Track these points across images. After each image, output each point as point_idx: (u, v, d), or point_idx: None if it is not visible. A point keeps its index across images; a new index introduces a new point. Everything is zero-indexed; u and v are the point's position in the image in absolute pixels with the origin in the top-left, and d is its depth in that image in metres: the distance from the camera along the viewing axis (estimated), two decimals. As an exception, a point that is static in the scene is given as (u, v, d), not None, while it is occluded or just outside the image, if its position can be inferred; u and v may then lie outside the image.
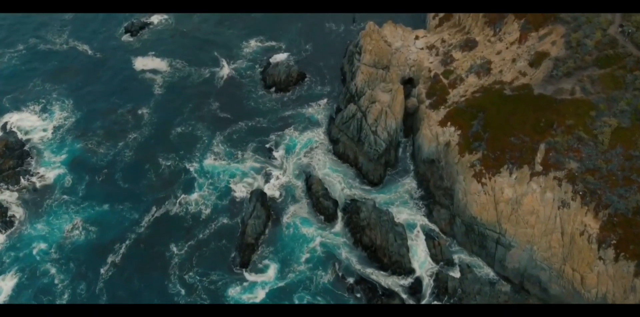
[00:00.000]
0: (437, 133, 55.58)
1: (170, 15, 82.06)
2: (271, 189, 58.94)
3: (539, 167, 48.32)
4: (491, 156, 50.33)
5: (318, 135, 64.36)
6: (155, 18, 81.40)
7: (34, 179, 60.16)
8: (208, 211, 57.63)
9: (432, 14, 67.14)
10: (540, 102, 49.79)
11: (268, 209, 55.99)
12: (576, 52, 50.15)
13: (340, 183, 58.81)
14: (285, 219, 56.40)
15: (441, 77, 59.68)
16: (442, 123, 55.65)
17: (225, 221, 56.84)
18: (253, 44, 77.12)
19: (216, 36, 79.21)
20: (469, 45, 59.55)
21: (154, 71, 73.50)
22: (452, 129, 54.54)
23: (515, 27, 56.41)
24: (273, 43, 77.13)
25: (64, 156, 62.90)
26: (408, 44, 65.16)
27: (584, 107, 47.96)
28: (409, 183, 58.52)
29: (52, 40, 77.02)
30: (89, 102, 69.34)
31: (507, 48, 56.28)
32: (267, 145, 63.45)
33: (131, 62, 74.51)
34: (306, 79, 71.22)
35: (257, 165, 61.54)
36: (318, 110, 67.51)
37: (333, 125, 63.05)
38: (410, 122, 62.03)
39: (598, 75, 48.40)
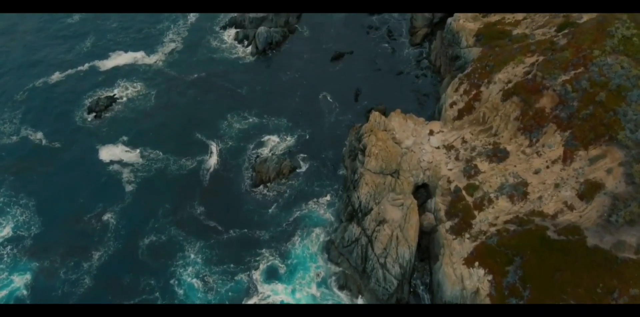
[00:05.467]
0: (462, 275, 44.87)
1: (143, 89, 71.26)
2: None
3: (596, 346, 37.80)
4: (534, 324, 39.74)
5: (317, 253, 53.86)
6: (124, 93, 70.60)
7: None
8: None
9: (449, 101, 55.74)
10: (596, 259, 38.87)
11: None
12: (641, 191, 39.08)
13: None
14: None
15: (464, 193, 48.76)
16: (469, 262, 44.89)
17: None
18: (238, 122, 66.38)
19: (197, 112, 68.39)
20: (497, 154, 48.39)
21: (125, 163, 62.79)
22: (482, 271, 43.79)
23: (557, 140, 45.14)
24: (262, 121, 66.45)
25: (15, 283, 52.69)
26: (421, 142, 54.03)
27: (654, 273, 37.20)
28: (427, 329, 48.06)
29: (-1, 129, 66.63)
30: (48, 207, 58.92)
31: (547, 167, 45.10)
32: (256, 267, 53.00)
33: (97, 153, 63.87)
34: (301, 174, 60.48)
35: (243, 295, 51.28)
36: (317, 214, 56.75)
37: (332, 246, 52.52)
38: (427, 241, 51.30)
39: (673, 229, 37.45)
